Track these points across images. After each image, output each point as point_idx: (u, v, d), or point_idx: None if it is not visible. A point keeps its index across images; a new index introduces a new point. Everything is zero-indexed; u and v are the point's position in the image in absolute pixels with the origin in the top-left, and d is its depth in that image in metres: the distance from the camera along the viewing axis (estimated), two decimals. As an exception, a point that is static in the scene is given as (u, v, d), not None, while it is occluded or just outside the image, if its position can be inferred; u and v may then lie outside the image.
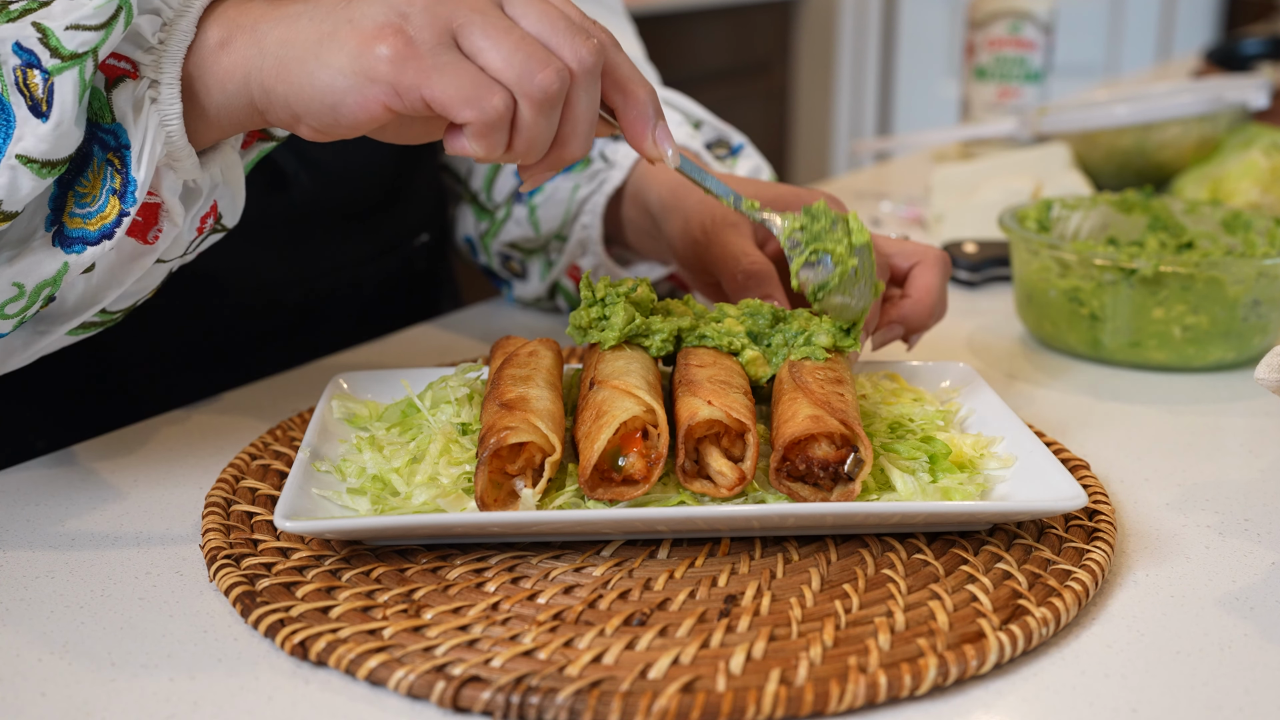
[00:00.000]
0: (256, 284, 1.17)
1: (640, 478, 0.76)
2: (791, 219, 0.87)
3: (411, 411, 0.88)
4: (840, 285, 0.85)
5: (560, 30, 0.72)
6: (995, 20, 1.98)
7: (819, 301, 0.86)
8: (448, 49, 0.69)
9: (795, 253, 0.86)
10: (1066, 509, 0.73)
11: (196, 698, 0.62)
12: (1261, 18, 4.26)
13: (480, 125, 0.70)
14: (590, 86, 0.73)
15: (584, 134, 0.74)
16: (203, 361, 1.16)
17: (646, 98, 0.77)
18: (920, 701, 0.63)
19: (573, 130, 0.74)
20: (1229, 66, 2.61)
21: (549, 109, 0.71)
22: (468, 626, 0.67)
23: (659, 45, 4.26)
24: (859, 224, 0.86)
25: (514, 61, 0.69)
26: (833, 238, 0.85)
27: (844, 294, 0.85)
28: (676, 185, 1.06)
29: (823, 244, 0.85)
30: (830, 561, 0.74)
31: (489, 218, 1.23)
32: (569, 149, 0.75)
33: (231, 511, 0.79)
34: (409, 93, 0.69)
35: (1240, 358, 1.11)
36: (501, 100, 0.69)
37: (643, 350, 0.87)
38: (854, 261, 0.85)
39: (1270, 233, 1.16)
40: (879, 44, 4.99)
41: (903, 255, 0.98)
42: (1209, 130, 1.64)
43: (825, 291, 0.85)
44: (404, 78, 0.68)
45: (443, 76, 0.68)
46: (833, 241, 0.85)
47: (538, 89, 0.70)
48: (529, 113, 0.71)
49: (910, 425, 0.85)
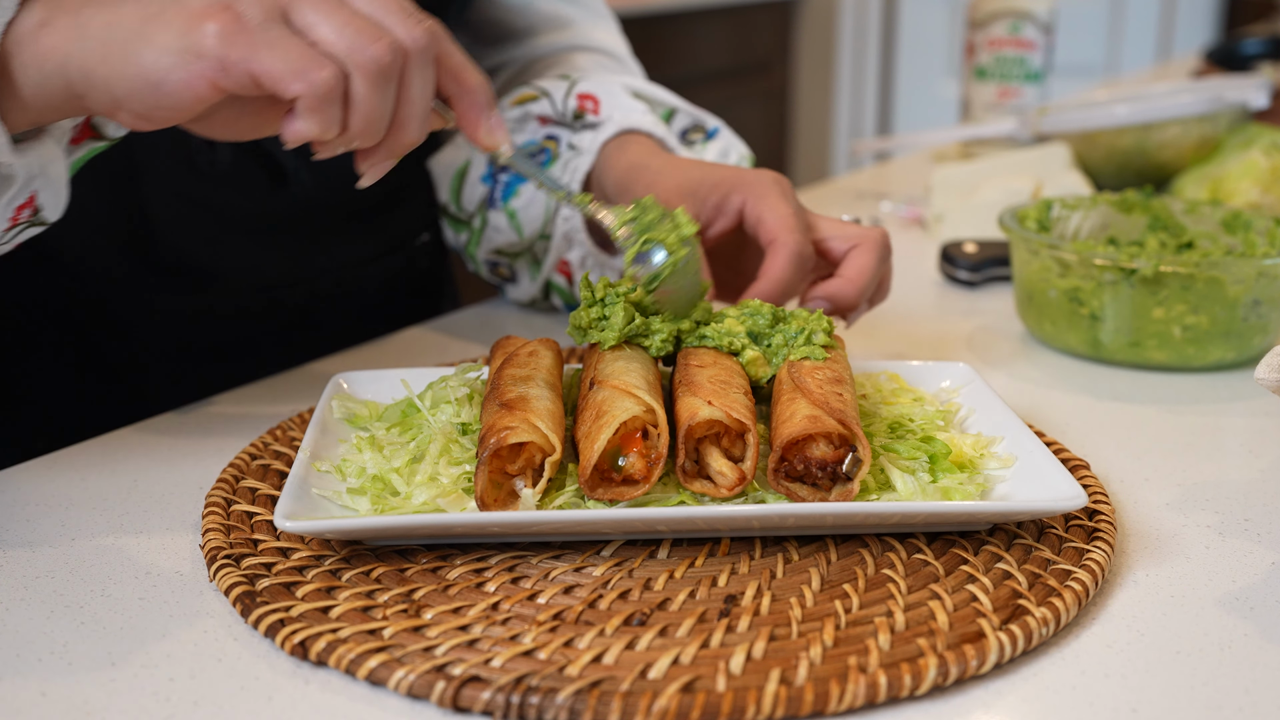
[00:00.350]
0: (259, 283, 1.17)
1: (640, 477, 0.76)
2: (621, 212, 0.89)
3: (411, 411, 0.88)
4: (672, 276, 0.87)
5: (392, 11, 0.72)
6: (995, 20, 1.98)
7: (651, 292, 0.88)
8: (277, 25, 0.69)
9: (628, 243, 0.88)
10: (1066, 509, 0.73)
11: (196, 698, 0.62)
12: (1261, 18, 4.26)
13: (311, 99, 0.69)
14: (424, 66, 0.73)
15: (420, 116, 0.74)
16: (204, 361, 1.16)
17: (479, 86, 0.77)
18: (920, 701, 0.63)
19: (409, 112, 0.73)
20: (1229, 66, 2.61)
21: (382, 83, 0.70)
22: (468, 626, 0.67)
23: (659, 45, 4.27)
24: (686, 217, 0.88)
25: (345, 34, 0.69)
26: (663, 229, 0.87)
27: (674, 284, 0.88)
28: (628, 170, 1.07)
29: (654, 235, 0.87)
30: (830, 561, 0.74)
31: (466, 228, 1.23)
32: (406, 132, 0.74)
33: (231, 511, 0.79)
34: (236, 67, 0.68)
35: (1240, 358, 1.11)
36: (331, 73, 0.69)
37: (642, 350, 0.87)
38: (685, 251, 0.87)
39: (1270, 233, 1.16)
40: (879, 44, 4.99)
41: (841, 239, 0.99)
42: (1209, 130, 1.64)
43: (658, 281, 0.87)
44: (231, 52, 0.67)
45: (271, 51, 0.68)
46: (663, 233, 0.87)
47: (370, 60, 0.69)
48: (362, 86, 0.70)
49: (910, 425, 0.85)
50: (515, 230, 1.18)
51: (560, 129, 1.16)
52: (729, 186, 0.99)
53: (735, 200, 0.99)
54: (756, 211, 0.97)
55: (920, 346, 1.19)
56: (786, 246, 0.95)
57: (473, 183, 1.20)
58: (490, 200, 1.18)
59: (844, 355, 0.89)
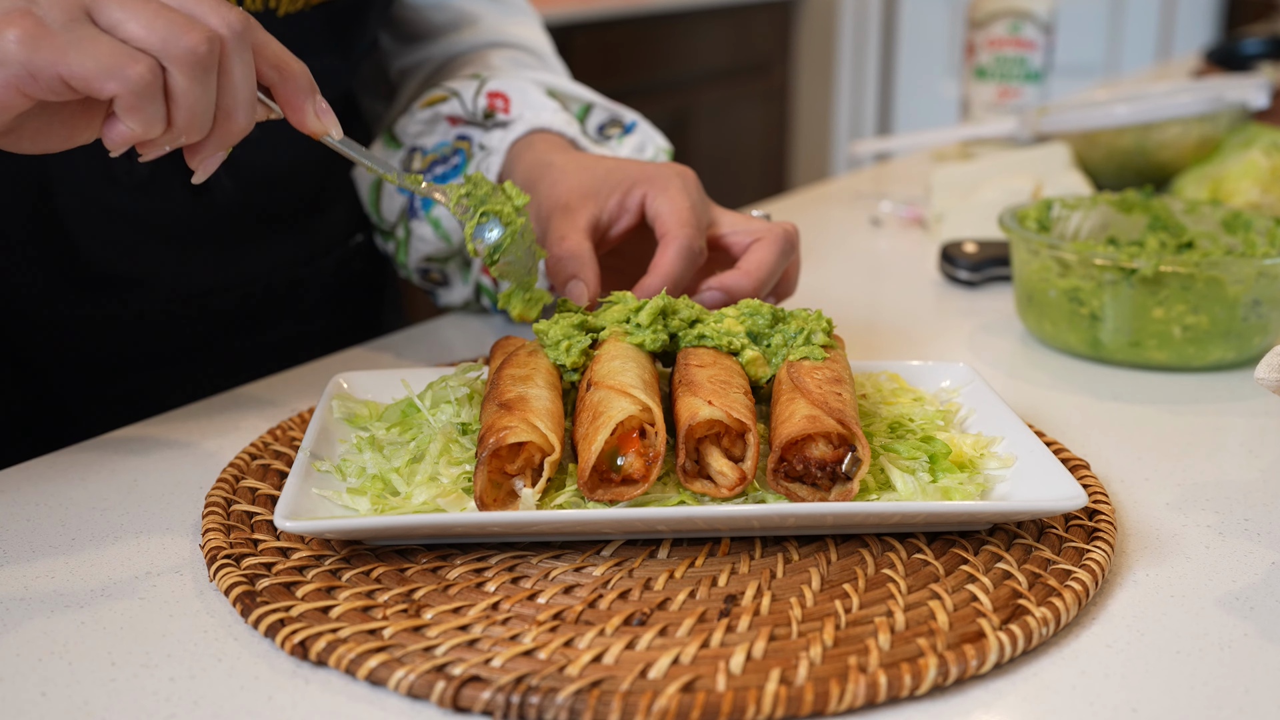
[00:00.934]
0: (186, 290, 1.14)
1: (639, 477, 0.76)
2: (455, 188, 0.90)
3: (411, 411, 0.88)
4: (512, 244, 0.90)
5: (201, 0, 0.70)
6: (995, 20, 1.98)
7: (495, 264, 0.90)
8: (83, 24, 0.67)
9: (466, 217, 0.90)
10: (1066, 509, 0.73)
11: (196, 698, 0.62)
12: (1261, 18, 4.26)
13: (128, 97, 0.67)
14: (242, 52, 0.71)
15: (245, 102, 0.72)
16: (135, 369, 1.14)
17: (300, 72, 0.76)
18: (920, 701, 0.63)
19: (234, 100, 0.72)
20: (1229, 66, 2.61)
21: (202, 73, 0.68)
22: (468, 626, 0.67)
23: (659, 45, 4.27)
24: (515, 189, 0.92)
25: (156, 27, 0.67)
26: (497, 200, 0.90)
27: (513, 253, 0.91)
28: (531, 168, 1.06)
29: (490, 206, 0.90)
30: (830, 561, 0.74)
31: (391, 239, 1.22)
32: (233, 122, 0.72)
33: (231, 511, 0.79)
34: (44, 71, 0.66)
35: (1240, 358, 1.11)
36: (146, 67, 0.67)
37: (639, 350, 0.87)
38: (521, 221, 0.90)
39: (1270, 232, 1.16)
40: (879, 44, 4.99)
41: (743, 233, 0.99)
42: (1209, 130, 1.64)
43: (500, 251, 0.90)
44: (36, 57, 0.65)
45: (79, 51, 0.65)
46: (497, 203, 0.90)
47: (186, 50, 0.67)
48: (181, 79, 0.68)
49: (910, 425, 0.85)
50: (442, 238, 1.17)
51: (472, 129, 1.15)
52: (630, 183, 0.99)
53: (636, 195, 0.99)
54: (655, 206, 0.98)
55: (920, 346, 1.19)
56: (677, 240, 0.95)
57: (389, 193, 1.19)
58: (411, 210, 1.17)
59: (843, 355, 0.89)
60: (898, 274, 1.45)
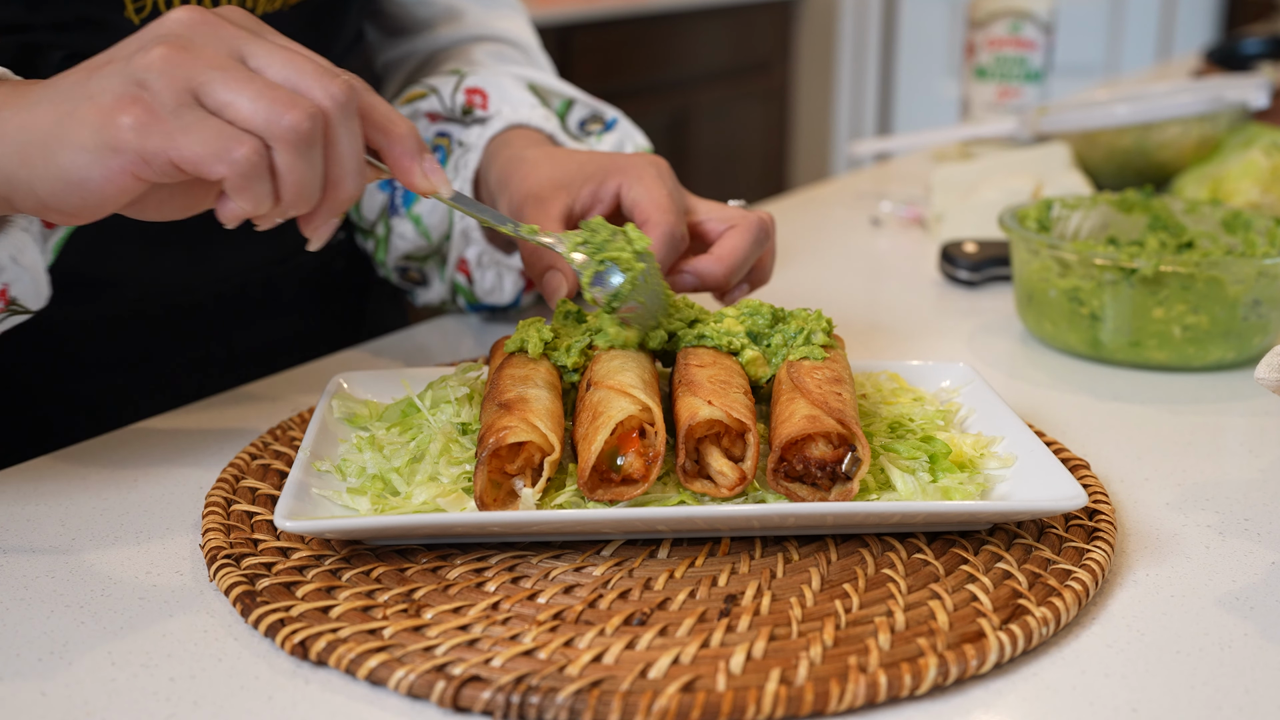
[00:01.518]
0: (157, 290, 1.14)
1: (639, 477, 0.76)
2: (573, 236, 0.88)
3: (411, 411, 0.88)
4: (633, 291, 0.87)
5: (307, 73, 0.70)
6: (995, 20, 1.98)
7: (616, 311, 0.87)
8: (191, 109, 0.68)
9: (584, 267, 0.87)
10: (1067, 508, 0.73)
11: (196, 698, 0.62)
12: (1261, 18, 4.26)
13: (235, 178, 0.68)
14: (348, 122, 0.72)
15: (353, 172, 0.73)
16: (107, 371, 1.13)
17: (408, 133, 0.77)
18: (920, 701, 0.63)
19: (341, 170, 0.72)
20: (1229, 66, 2.61)
21: (305, 149, 0.69)
22: (468, 626, 0.67)
23: (659, 45, 4.27)
24: (638, 232, 0.89)
25: (259, 108, 0.68)
26: (615, 246, 0.87)
27: (636, 299, 0.87)
28: (506, 163, 1.06)
29: (608, 254, 0.87)
30: (830, 561, 0.74)
31: (371, 237, 1.22)
32: (342, 190, 0.73)
33: (231, 511, 0.79)
34: (156, 158, 0.67)
35: (1240, 358, 1.11)
36: (251, 148, 0.68)
37: (639, 350, 0.87)
38: (641, 266, 0.87)
39: (1270, 232, 1.16)
40: (879, 44, 4.99)
41: (718, 220, 1.00)
42: (1209, 130, 1.64)
43: (620, 300, 0.87)
44: (148, 144, 0.67)
45: (187, 136, 0.67)
46: (616, 250, 0.87)
47: (288, 129, 0.68)
48: (285, 156, 0.69)
49: (910, 425, 0.85)
50: (422, 235, 1.17)
51: (451, 125, 1.15)
52: (604, 174, 1.00)
53: (611, 186, 0.99)
54: (632, 195, 0.98)
55: (920, 346, 1.19)
56: (659, 226, 0.95)
57: (370, 191, 1.18)
58: (392, 207, 1.17)
59: (843, 355, 0.89)
60: (898, 274, 1.45)
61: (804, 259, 1.50)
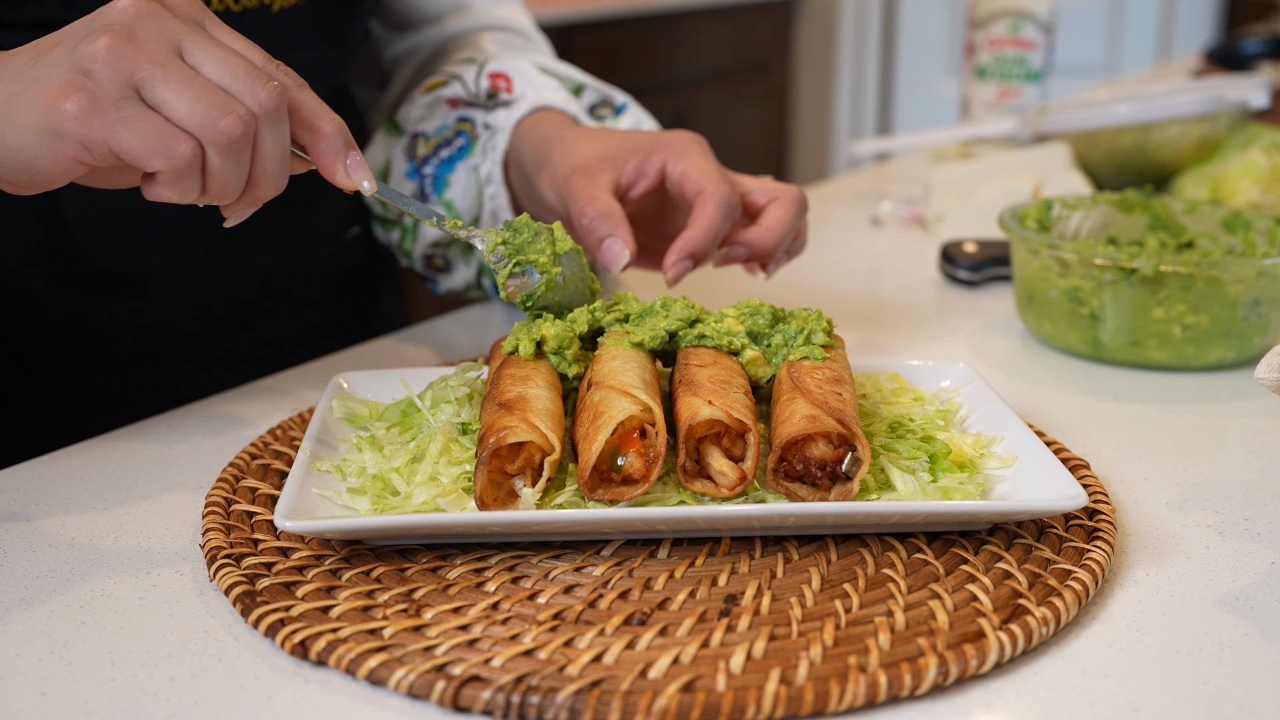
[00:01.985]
0: (187, 286, 1.16)
1: (639, 477, 0.76)
2: (494, 234, 0.91)
3: (411, 411, 0.88)
4: (548, 292, 0.90)
5: (240, 76, 0.74)
6: (995, 20, 1.98)
7: (530, 308, 0.90)
8: (131, 102, 0.72)
9: (500, 266, 0.90)
10: (1067, 508, 0.73)
11: (196, 698, 0.62)
12: (1261, 17, 4.26)
13: (170, 173, 0.73)
14: (275, 127, 0.76)
15: (275, 172, 0.77)
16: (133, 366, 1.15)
17: (334, 131, 0.80)
18: (920, 701, 0.63)
19: (264, 170, 0.77)
20: (1229, 66, 2.61)
21: (235, 153, 0.74)
22: (468, 626, 0.67)
23: (659, 45, 4.27)
24: (563, 233, 0.91)
25: (196, 111, 0.72)
26: (535, 248, 0.90)
27: (554, 298, 0.90)
28: (541, 142, 1.08)
29: (525, 255, 0.90)
30: (830, 561, 0.74)
31: (397, 227, 1.24)
32: (262, 188, 0.78)
33: (231, 511, 0.79)
34: (97, 146, 0.71)
35: (1240, 357, 1.11)
36: (188, 148, 0.72)
37: (639, 350, 0.87)
38: (558, 270, 0.90)
39: (1270, 232, 1.16)
40: (879, 44, 4.99)
41: (760, 192, 1.04)
42: (1209, 130, 1.64)
43: (534, 299, 0.90)
44: (90, 133, 0.71)
45: (129, 129, 0.71)
46: (535, 252, 0.90)
47: (222, 135, 0.73)
48: (216, 158, 0.73)
49: (910, 425, 0.85)
50: None
51: (474, 110, 1.17)
52: (648, 149, 1.02)
53: (655, 161, 1.02)
54: (679, 169, 1.00)
55: (920, 346, 1.19)
56: (715, 195, 0.98)
57: (397, 181, 1.21)
58: (421, 196, 1.20)
59: (843, 355, 0.89)
60: (898, 274, 1.45)
61: (804, 259, 1.50)
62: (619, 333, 0.89)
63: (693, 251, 0.97)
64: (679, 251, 0.97)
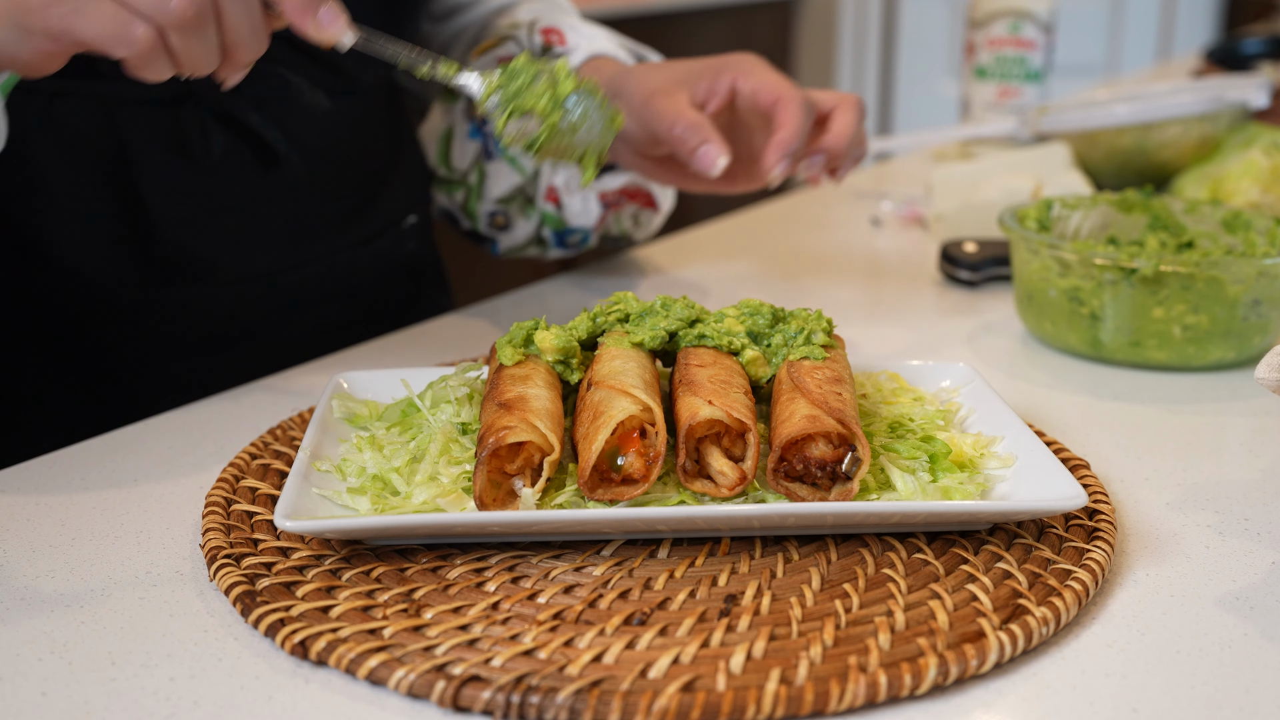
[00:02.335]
0: (252, 272, 1.18)
1: (639, 477, 0.76)
2: (489, 80, 0.89)
3: (411, 411, 0.88)
4: (553, 137, 0.86)
5: None
6: (995, 20, 1.98)
7: (536, 155, 0.88)
8: None
9: (496, 113, 0.87)
10: (1067, 508, 0.73)
11: (196, 698, 0.62)
12: (1261, 17, 4.26)
13: (135, 59, 0.75)
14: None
15: (247, 38, 0.79)
16: (203, 352, 1.17)
17: None
18: (920, 701, 0.63)
19: (236, 38, 0.78)
20: (1229, 66, 2.61)
21: (194, 31, 0.75)
22: (468, 626, 0.67)
23: (659, 45, 4.26)
24: (566, 73, 0.87)
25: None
26: (533, 94, 0.87)
27: (561, 142, 0.87)
28: (613, 78, 1.12)
29: (521, 102, 0.86)
30: (830, 561, 0.74)
31: (461, 187, 1.28)
32: (241, 54, 0.79)
33: (231, 511, 0.79)
34: (62, 37, 0.75)
35: (1240, 357, 1.11)
36: (144, 32, 0.74)
37: (639, 350, 0.87)
38: (557, 116, 0.86)
39: (1270, 232, 1.16)
40: (879, 44, 4.99)
41: (824, 99, 1.11)
42: (1209, 130, 1.64)
43: (535, 146, 0.87)
44: (50, 24, 0.74)
45: (85, 19, 0.74)
46: (533, 98, 0.87)
47: (174, 16, 0.74)
48: (176, 38, 0.75)
49: (910, 425, 0.85)
50: (518, 171, 1.24)
51: None
52: (716, 70, 1.07)
53: (725, 80, 1.06)
54: (751, 84, 1.06)
55: (920, 346, 1.19)
56: (794, 99, 1.04)
57: (461, 142, 1.25)
58: (486, 153, 1.24)
59: (843, 355, 0.89)
60: (898, 274, 1.45)
61: (804, 259, 1.50)
62: (619, 333, 0.89)
63: (789, 150, 1.02)
64: (778, 151, 1.02)
